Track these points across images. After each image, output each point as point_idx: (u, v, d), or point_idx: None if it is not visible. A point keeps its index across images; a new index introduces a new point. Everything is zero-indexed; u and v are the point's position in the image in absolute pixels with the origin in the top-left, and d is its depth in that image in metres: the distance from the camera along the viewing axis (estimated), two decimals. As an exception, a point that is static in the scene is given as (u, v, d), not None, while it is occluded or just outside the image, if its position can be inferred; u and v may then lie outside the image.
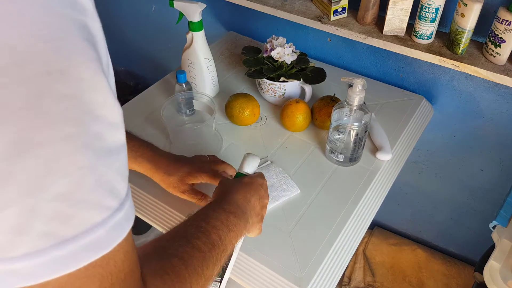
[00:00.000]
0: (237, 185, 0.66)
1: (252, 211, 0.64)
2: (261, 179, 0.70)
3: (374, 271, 1.42)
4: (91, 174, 0.29)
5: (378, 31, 0.98)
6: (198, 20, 0.96)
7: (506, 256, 0.82)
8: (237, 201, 0.62)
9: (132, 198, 0.35)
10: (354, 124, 0.85)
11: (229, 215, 0.58)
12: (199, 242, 0.49)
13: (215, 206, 0.60)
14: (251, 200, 0.64)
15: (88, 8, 0.30)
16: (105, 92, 0.30)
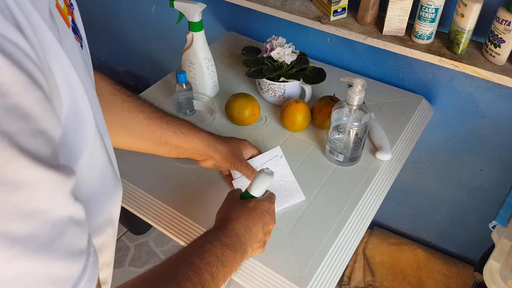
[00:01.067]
0: (240, 211, 0.63)
1: (252, 239, 0.62)
2: (268, 204, 0.66)
3: (374, 270, 1.42)
4: None
5: (378, 31, 0.98)
6: (198, 20, 0.96)
7: (506, 256, 0.82)
8: (237, 232, 0.60)
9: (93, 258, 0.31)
10: (354, 124, 0.85)
11: (225, 249, 0.55)
12: (189, 284, 0.46)
13: (212, 238, 0.57)
14: (253, 230, 0.62)
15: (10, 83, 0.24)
16: None
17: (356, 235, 0.82)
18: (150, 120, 0.71)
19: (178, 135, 0.74)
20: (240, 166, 0.79)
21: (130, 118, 0.69)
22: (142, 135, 0.71)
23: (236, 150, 0.79)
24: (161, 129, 0.72)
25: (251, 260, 0.76)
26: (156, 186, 0.89)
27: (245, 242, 0.60)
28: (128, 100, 0.69)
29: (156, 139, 0.72)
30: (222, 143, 0.79)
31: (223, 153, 0.78)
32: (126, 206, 0.89)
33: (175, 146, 0.75)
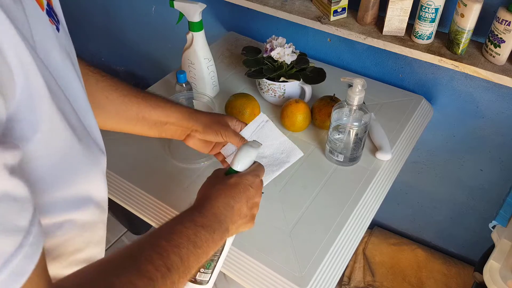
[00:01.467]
0: (220, 189, 0.60)
1: (235, 217, 0.59)
2: (252, 177, 0.62)
3: (374, 271, 1.42)
4: None
5: (378, 31, 0.98)
6: (198, 20, 0.96)
7: (506, 256, 0.82)
8: (215, 211, 0.56)
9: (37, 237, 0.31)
10: (354, 124, 0.85)
11: (199, 229, 0.52)
12: (150, 267, 0.42)
13: (185, 219, 0.53)
14: (235, 206, 0.59)
15: None
16: None
17: (356, 235, 0.82)
18: (125, 98, 0.69)
19: (156, 109, 0.71)
20: (227, 132, 0.72)
21: (103, 97, 0.68)
22: (117, 113, 0.70)
23: (220, 119, 0.74)
24: (137, 105, 0.70)
25: (251, 260, 0.76)
26: (156, 185, 0.89)
27: (225, 221, 0.57)
28: (102, 80, 0.68)
29: (132, 116, 0.70)
30: (204, 114, 0.75)
31: (205, 121, 0.73)
32: (126, 206, 0.89)
33: (154, 122, 0.72)
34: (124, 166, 0.94)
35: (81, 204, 0.43)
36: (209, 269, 0.63)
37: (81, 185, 0.42)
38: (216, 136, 0.73)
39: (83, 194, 0.43)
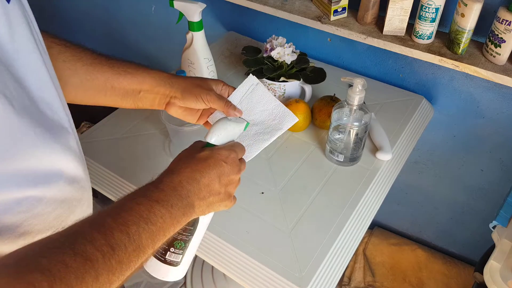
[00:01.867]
0: (186, 162, 0.55)
1: (203, 192, 0.53)
2: (227, 152, 0.57)
3: (374, 271, 1.42)
4: None
5: (378, 31, 0.98)
6: (198, 20, 0.96)
7: (506, 256, 0.82)
8: (175, 185, 0.51)
9: None
10: (354, 124, 0.85)
11: (153, 204, 0.47)
12: (89, 247, 0.38)
13: (138, 194, 0.49)
14: (201, 181, 0.53)
15: None
16: None
17: (356, 235, 0.82)
18: (89, 66, 0.63)
19: (125, 76, 0.65)
20: (209, 97, 0.64)
21: (66, 68, 0.62)
22: (83, 84, 0.64)
23: (202, 83, 0.66)
24: (104, 73, 0.64)
25: (251, 260, 0.76)
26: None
27: (187, 195, 0.51)
28: (65, 50, 0.63)
29: (100, 86, 0.64)
30: (184, 78, 0.67)
31: (184, 86, 0.65)
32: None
33: (126, 91, 0.65)
34: (124, 166, 0.94)
35: (42, 180, 0.42)
36: (179, 249, 0.58)
37: (34, 160, 0.41)
38: (197, 101, 0.64)
39: (43, 169, 0.42)
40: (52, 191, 0.44)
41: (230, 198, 0.58)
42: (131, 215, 0.44)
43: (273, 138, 0.67)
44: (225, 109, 0.65)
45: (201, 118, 0.69)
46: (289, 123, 0.68)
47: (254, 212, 0.84)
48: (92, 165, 0.95)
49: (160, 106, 0.67)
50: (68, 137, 0.47)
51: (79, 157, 0.50)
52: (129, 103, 0.67)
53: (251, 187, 0.88)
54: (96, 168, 0.94)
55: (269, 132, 0.67)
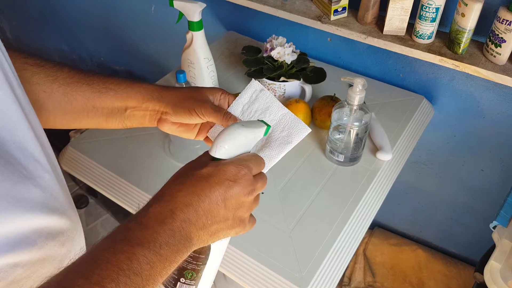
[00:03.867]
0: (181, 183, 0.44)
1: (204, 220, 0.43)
2: (235, 168, 0.45)
3: (374, 271, 1.42)
4: None
5: (378, 30, 0.98)
6: (198, 19, 0.96)
7: (507, 256, 0.82)
8: (164, 216, 0.41)
9: None
10: (354, 124, 0.85)
11: (136, 250, 0.38)
12: None
13: (118, 237, 0.39)
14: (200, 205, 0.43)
15: None
16: None
17: (356, 236, 0.82)
18: (66, 87, 0.56)
19: (106, 94, 0.57)
20: (203, 109, 0.54)
21: (41, 91, 0.55)
22: (60, 107, 0.56)
23: (196, 94, 0.57)
24: (83, 93, 0.56)
25: (251, 260, 0.76)
26: (156, 186, 0.89)
27: (181, 227, 0.41)
28: (38, 71, 0.56)
29: (80, 108, 0.57)
30: (174, 90, 0.59)
31: (174, 99, 0.57)
32: (125, 206, 0.89)
33: (110, 110, 0.57)
34: (123, 166, 0.94)
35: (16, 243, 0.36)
36: (191, 280, 0.50)
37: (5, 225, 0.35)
38: (190, 115, 0.55)
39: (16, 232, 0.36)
40: (30, 253, 0.37)
41: (243, 224, 0.48)
42: (107, 270, 0.35)
43: (282, 154, 0.57)
44: (224, 123, 0.56)
45: (200, 133, 0.60)
46: (301, 135, 0.58)
47: (254, 212, 0.84)
48: (92, 165, 0.95)
49: (151, 124, 0.59)
50: (46, 185, 0.42)
51: (61, 201, 0.44)
52: (116, 123, 0.59)
53: (251, 187, 0.88)
54: (96, 168, 0.94)
55: (277, 146, 0.57)
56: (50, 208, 0.41)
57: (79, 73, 0.58)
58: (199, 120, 0.56)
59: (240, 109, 0.59)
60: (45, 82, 0.56)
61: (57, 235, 0.42)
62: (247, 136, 0.49)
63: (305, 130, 0.57)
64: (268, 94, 0.60)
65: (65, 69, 0.57)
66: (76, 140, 1.01)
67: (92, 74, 0.58)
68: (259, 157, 0.50)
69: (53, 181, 0.44)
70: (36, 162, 0.42)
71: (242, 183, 0.45)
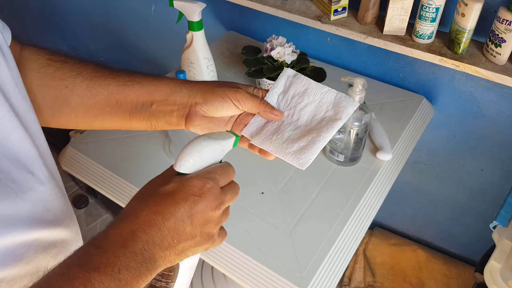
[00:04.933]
0: (143, 203, 0.42)
1: (169, 239, 0.41)
2: (200, 182, 0.43)
3: (374, 271, 1.42)
4: None
5: (378, 30, 0.98)
6: (198, 19, 0.96)
7: (507, 256, 0.82)
8: (124, 238, 0.39)
9: None
10: (354, 124, 0.85)
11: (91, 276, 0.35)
12: None
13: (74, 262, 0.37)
14: (164, 224, 0.40)
15: None
16: None
17: (356, 236, 0.82)
18: (90, 81, 0.53)
19: (132, 86, 0.53)
20: (238, 94, 0.51)
21: (63, 86, 0.53)
22: (82, 103, 0.54)
23: (227, 82, 0.54)
24: (107, 86, 0.53)
25: (251, 260, 0.76)
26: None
27: (143, 249, 0.39)
28: (62, 66, 0.54)
29: (103, 103, 0.54)
30: (202, 81, 0.55)
31: (204, 88, 0.53)
32: (124, 206, 0.89)
33: (135, 106, 0.53)
34: (123, 166, 0.93)
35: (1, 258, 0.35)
36: None
37: None
38: (223, 102, 0.51)
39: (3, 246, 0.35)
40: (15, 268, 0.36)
41: (211, 239, 0.45)
42: None
43: (332, 132, 0.52)
44: (261, 109, 0.52)
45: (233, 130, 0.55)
46: (349, 109, 0.53)
47: (254, 212, 0.84)
48: (92, 165, 0.95)
49: (179, 122, 0.54)
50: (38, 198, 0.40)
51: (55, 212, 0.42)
52: (140, 121, 0.54)
53: (251, 187, 0.88)
54: (96, 168, 0.94)
55: (325, 126, 0.52)
56: (41, 221, 0.39)
57: (105, 68, 0.55)
58: (233, 108, 0.52)
59: (276, 98, 0.55)
60: (68, 77, 0.53)
61: (49, 248, 0.40)
62: (214, 148, 0.46)
63: (353, 105, 0.53)
64: (303, 78, 0.56)
65: (91, 65, 0.55)
66: (76, 140, 1.01)
67: (118, 69, 0.56)
68: (227, 166, 0.47)
69: (47, 193, 0.42)
70: (29, 174, 0.41)
71: (208, 197, 0.43)
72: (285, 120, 0.54)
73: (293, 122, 0.54)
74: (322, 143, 0.51)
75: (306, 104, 0.54)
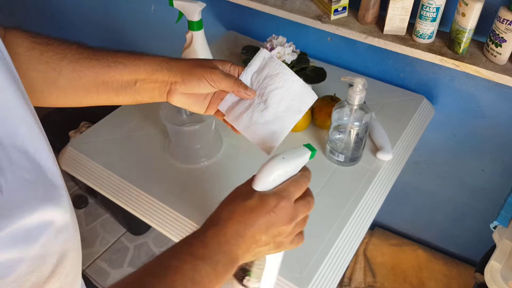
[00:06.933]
0: (233, 212, 0.50)
1: (248, 244, 0.50)
2: (275, 200, 0.50)
3: (374, 271, 1.42)
4: None
5: (378, 30, 0.97)
6: (198, 19, 0.96)
7: (507, 257, 0.82)
8: (220, 239, 0.48)
9: None
10: (355, 124, 0.85)
11: (198, 263, 0.45)
12: None
13: (184, 251, 0.46)
14: (247, 233, 0.49)
15: None
16: None
17: (357, 236, 0.82)
18: (75, 64, 0.57)
19: (115, 68, 0.58)
20: (213, 75, 0.56)
21: (50, 69, 0.56)
22: (70, 84, 0.58)
23: (205, 62, 0.59)
24: (92, 68, 0.57)
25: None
26: (156, 186, 0.89)
27: (231, 250, 0.48)
28: (47, 49, 0.57)
29: (90, 83, 0.58)
30: (182, 60, 0.60)
31: (184, 68, 0.58)
32: (125, 206, 0.89)
33: (120, 84, 0.58)
34: (123, 166, 0.93)
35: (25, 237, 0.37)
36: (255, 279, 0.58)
37: None
38: (199, 82, 0.56)
39: None
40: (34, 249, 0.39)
41: (282, 246, 0.53)
42: (176, 274, 0.43)
43: (294, 123, 0.59)
44: (235, 89, 0.58)
45: (211, 106, 0.61)
46: (308, 103, 0.59)
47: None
48: (92, 165, 0.95)
49: (162, 97, 0.59)
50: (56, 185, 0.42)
51: None
52: (126, 98, 0.60)
53: (251, 187, 0.88)
54: (96, 168, 0.94)
55: (289, 117, 0.59)
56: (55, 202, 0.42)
57: (88, 49, 0.58)
58: (209, 88, 0.57)
59: (250, 77, 0.60)
60: (54, 60, 0.56)
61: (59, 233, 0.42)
62: (289, 167, 0.51)
63: (312, 98, 0.59)
64: (277, 61, 0.60)
65: (74, 46, 0.58)
66: (76, 140, 1.01)
67: (101, 49, 0.59)
68: (300, 178, 0.52)
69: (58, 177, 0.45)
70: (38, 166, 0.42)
71: (281, 214, 0.50)
72: (256, 99, 0.60)
73: (263, 101, 0.59)
74: (284, 133, 0.59)
75: (276, 87, 0.59)
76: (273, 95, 0.59)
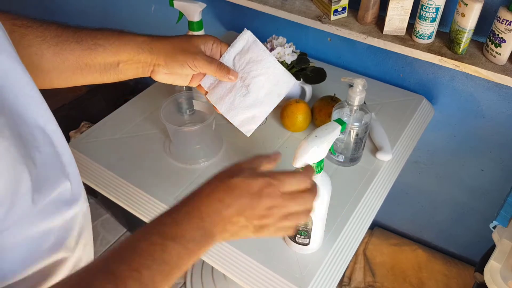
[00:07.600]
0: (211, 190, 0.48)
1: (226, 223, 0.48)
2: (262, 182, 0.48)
3: (374, 271, 1.42)
4: None
5: (378, 30, 0.98)
6: (198, 19, 0.96)
7: (507, 256, 0.82)
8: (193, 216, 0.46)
9: None
10: (355, 124, 0.85)
11: (168, 243, 0.43)
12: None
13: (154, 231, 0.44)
14: (223, 212, 0.47)
15: None
16: None
17: (356, 236, 0.82)
18: (55, 47, 0.57)
19: (96, 51, 0.58)
20: (196, 62, 0.58)
21: (33, 54, 0.56)
22: (54, 68, 0.58)
23: (188, 45, 0.60)
24: (73, 51, 0.57)
25: (251, 260, 0.76)
26: (156, 186, 0.89)
27: (204, 227, 0.46)
28: (27, 32, 0.56)
29: (73, 66, 0.58)
30: (167, 40, 0.61)
31: (167, 51, 0.59)
32: (125, 206, 0.89)
33: (103, 66, 0.59)
34: (123, 166, 0.93)
35: None
36: (305, 236, 0.70)
37: None
38: (182, 67, 0.59)
39: None
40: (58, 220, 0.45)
41: (261, 230, 0.50)
42: (143, 258, 0.41)
43: (273, 106, 0.62)
44: (218, 74, 0.60)
45: (193, 80, 0.64)
46: (287, 88, 0.62)
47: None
48: (92, 165, 0.95)
49: (145, 75, 0.62)
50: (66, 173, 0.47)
51: None
52: (111, 78, 0.61)
53: (251, 187, 0.88)
54: (96, 168, 0.94)
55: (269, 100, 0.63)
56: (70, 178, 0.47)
57: (67, 30, 0.58)
58: (192, 72, 0.60)
59: (232, 57, 0.62)
60: (34, 43, 0.56)
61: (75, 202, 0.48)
62: (323, 143, 0.56)
63: (292, 82, 0.63)
64: (261, 46, 0.63)
65: (52, 27, 0.57)
66: (76, 140, 1.01)
67: (80, 30, 0.59)
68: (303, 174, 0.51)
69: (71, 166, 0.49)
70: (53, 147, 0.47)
71: (264, 199, 0.48)
72: (238, 81, 0.62)
73: (245, 86, 0.62)
74: (263, 116, 0.64)
75: (258, 74, 0.62)
76: (255, 81, 0.62)
